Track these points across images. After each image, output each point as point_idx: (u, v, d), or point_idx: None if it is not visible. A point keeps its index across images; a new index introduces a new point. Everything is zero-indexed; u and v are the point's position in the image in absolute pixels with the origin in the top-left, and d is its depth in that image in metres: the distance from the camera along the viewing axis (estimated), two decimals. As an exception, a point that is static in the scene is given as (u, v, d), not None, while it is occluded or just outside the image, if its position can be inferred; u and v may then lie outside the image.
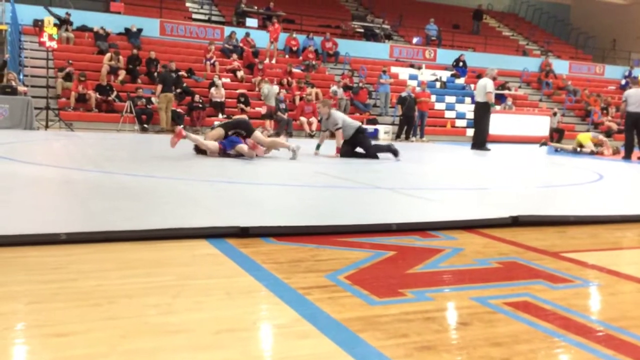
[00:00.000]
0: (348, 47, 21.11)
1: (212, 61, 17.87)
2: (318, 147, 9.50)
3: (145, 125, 14.78)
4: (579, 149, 13.39)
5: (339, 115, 9.45)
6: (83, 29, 17.81)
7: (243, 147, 7.85)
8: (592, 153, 13.07)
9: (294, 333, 1.95)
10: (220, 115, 15.75)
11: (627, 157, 11.90)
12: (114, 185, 5.03)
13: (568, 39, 29.89)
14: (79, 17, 17.97)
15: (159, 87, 14.54)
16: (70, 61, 15.45)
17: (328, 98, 17.34)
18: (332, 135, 9.73)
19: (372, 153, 9.12)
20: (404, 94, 16.96)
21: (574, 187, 6.66)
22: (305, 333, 1.95)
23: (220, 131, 8.11)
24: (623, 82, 24.97)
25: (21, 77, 15.04)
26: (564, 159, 11.57)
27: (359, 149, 9.20)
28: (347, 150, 9.13)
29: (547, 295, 2.46)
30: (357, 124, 9.55)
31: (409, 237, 3.49)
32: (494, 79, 13.32)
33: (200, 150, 8.14)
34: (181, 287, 2.36)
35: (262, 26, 20.63)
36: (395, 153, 9.11)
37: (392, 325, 2.04)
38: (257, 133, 8.17)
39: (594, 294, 2.62)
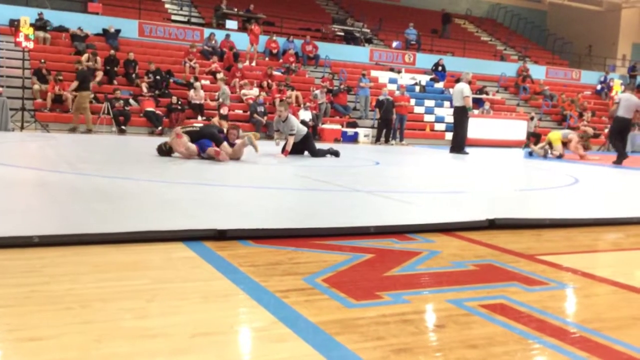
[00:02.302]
0: (328, 51, 21.14)
1: (192, 63, 17.75)
2: (277, 143, 10.01)
3: (123, 127, 14.63)
4: (548, 150, 13.09)
5: (295, 122, 9.89)
6: (60, 29, 17.58)
7: (210, 150, 7.77)
8: (560, 157, 12.90)
9: (271, 336, 1.94)
10: (199, 117, 15.67)
11: (619, 162, 11.66)
12: (89, 187, 4.97)
13: (545, 44, 30.31)
14: (56, 18, 17.73)
15: (75, 84, 13.87)
16: (44, 61, 15.20)
17: (309, 101, 17.37)
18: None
19: (317, 155, 9.75)
20: (381, 98, 17.03)
21: (550, 191, 6.74)
22: (282, 336, 1.94)
23: (186, 138, 8.01)
24: (599, 87, 25.39)
25: (-4, 77, 14.80)
26: (540, 162, 11.71)
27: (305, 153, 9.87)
28: (295, 151, 9.68)
29: (523, 297, 2.49)
30: (306, 129, 10.20)
31: (387, 239, 3.50)
32: (469, 82, 13.37)
33: (162, 151, 8.08)
34: (156, 291, 2.34)
35: (242, 28, 20.56)
36: (336, 154, 9.90)
37: (369, 328, 2.04)
38: (225, 144, 8.06)
39: (568, 296, 2.65)
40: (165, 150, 8.09)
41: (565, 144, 13.13)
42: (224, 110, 14.88)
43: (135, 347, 1.80)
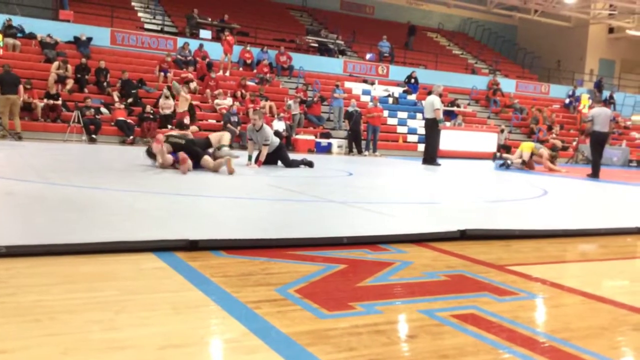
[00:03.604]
0: (302, 61, 21.22)
1: (166, 72, 17.62)
2: (250, 158, 9.55)
3: (94, 136, 14.43)
4: (511, 162, 13.36)
5: (269, 132, 9.81)
6: (30, 36, 17.31)
7: (180, 154, 7.66)
8: (522, 163, 13.14)
9: (242, 348, 1.92)
10: (169, 126, 15.51)
11: (595, 175, 11.86)
12: (58, 197, 4.88)
13: (515, 58, 30.90)
14: (26, 24, 17.46)
15: None
16: (8, 66, 14.70)
17: (282, 112, 17.39)
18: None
19: (291, 166, 9.76)
20: (350, 109, 17.13)
21: (520, 202, 6.84)
22: (253, 348, 1.92)
23: (169, 147, 7.93)
24: (567, 101, 25.94)
25: (-37, 83, 14.45)
26: (510, 174, 11.89)
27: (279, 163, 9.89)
28: (269, 162, 9.68)
29: (493, 307, 2.51)
30: (279, 140, 10.21)
31: (360, 250, 3.51)
32: (440, 95, 13.54)
33: (151, 154, 8.04)
34: (125, 302, 2.30)
35: (216, 38, 20.52)
36: (310, 165, 9.92)
37: (342, 339, 2.03)
38: (206, 157, 7.98)
39: (538, 306, 2.69)
40: (152, 153, 8.05)
41: (533, 156, 13.43)
42: (186, 120, 14.70)
43: (103, 359, 1.77)
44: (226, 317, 2.20)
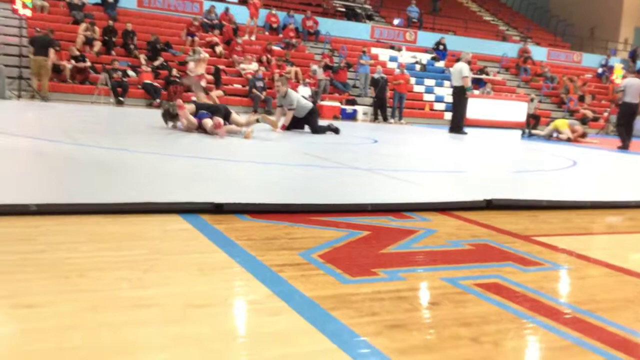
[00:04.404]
0: (329, 26, 20.96)
1: (193, 36, 17.56)
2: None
3: (121, 98, 14.54)
4: (555, 135, 13.47)
5: (295, 96, 9.80)
6: (58, -3, 17.37)
7: (207, 122, 7.69)
8: (568, 140, 13.18)
9: (265, 310, 1.95)
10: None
11: (625, 147, 11.62)
12: (86, 157, 4.95)
13: (547, 26, 30.08)
14: (54, -15, 17.50)
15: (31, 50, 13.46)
16: (38, 29, 14.92)
17: (308, 77, 17.27)
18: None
19: (318, 132, 9.71)
20: (376, 76, 16.92)
21: (548, 173, 6.74)
22: (277, 310, 1.94)
23: (192, 107, 7.98)
24: (600, 70, 25.28)
25: (-7, 45, 14.64)
26: (539, 144, 11.70)
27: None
28: (294, 124, 9.69)
29: (518, 277, 2.49)
30: (311, 105, 10.03)
31: (384, 217, 3.51)
32: (468, 62, 13.30)
33: (167, 117, 8.07)
34: (153, 262, 2.34)
35: (242, 1, 20.34)
36: (336, 131, 9.88)
37: (364, 304, 2.04)
38: (235, 115, 8.08)
39: (563, 277, 2.67)
40: (170, 114, 8.06)
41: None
42: (203, 83, 14.38)
43: (130, 316, 1.81)
44: (250, 279, 2.23)
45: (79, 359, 1.51)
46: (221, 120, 7.63)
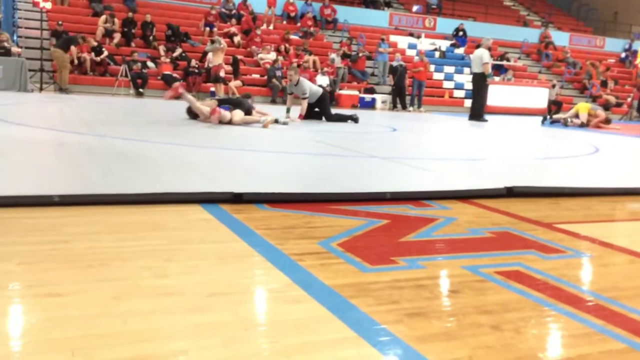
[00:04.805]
0: (347, 14, 20.83)
1: (212, 27, 17.57)
2: (288, 110, 9.65)
3: (141, 90, 14.64)
4: (570, 120, 13.19)
5: (307, 84, 9.83)
6: (78, -10, 17.50)
7: (225, 115, 7.74)
8: (582, 125, 12.83)
9: (286, 298, 1.96)
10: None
11: None
12: (107, 149, 5.00)
13: (569, 10, 29.55)
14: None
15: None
16: (61, 22, 15.12)
17: (326, 66, 17.21)
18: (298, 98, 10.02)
19: (331, 120, 9.75)
20: (394, 64, 16.78)
21: (570, 160, 6.66)
22: (297, 298, 1.96)
23: (214, 103, 8.00)
24: (623, 55, 24.80)
25: (15, 38, 14.81)
26: (560, 131, 11.55)
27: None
28: (310, 114, 9.70)
29: (539, 265, 2.48)
30: (320, 90, 10.07)
31: (403, 206, 3.50)
32: (489, 49, 13.14)
33: (192, 114, 8.09)
34: (174, 251, 2.37)
35: (260, -10, 20.28)
36: (356, 120, 9.76)
37: (384, 292, 2.05)
38: (237, 111, 8.01)
39: (585, 264, 2.64)
40: (192, 113, 8.11)
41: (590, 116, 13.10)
42: (222, 73, 14.29)
43: (153, 304, 1.83)
44: (270, 268, 2.24)
45: (104, 346, 1.54)
46: (220, 110, 7.66)
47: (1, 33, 13.61)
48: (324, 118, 9.83)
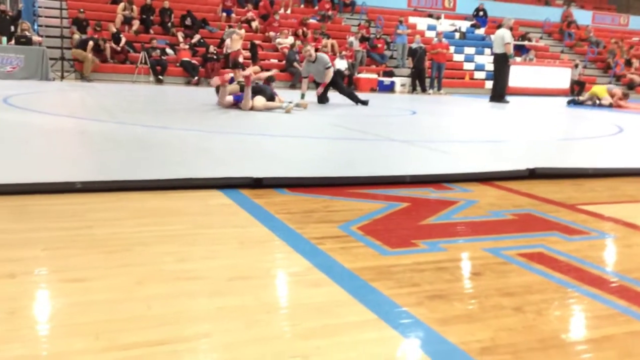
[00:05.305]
0: (365, -4, 20.63)
1: (229, 12, 17.53)
2: (302, 96, 9.49)
3: (160, 77, 14.70)
4: (597, 101, 13.20)
5: (326, 57, 9.90)
6: (96, -23, 17.54)
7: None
8: (610, 105, 12.91)
9: (306, 281, 1.97)
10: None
11: None
12: (128, 136, 5.05)
13: (593, -13, 28.92)
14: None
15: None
16: (82, 10, 15.23)
17: (344, 49, 17.09)
18: (313, 82, 10.05)
19: (346, 93, 9.91)
20: (414, 46, 16.59)
21: (593, 140, 6.56)
22: (317, 281, 1.96)
23: (236, 87, 8.05)
24: (648, 33, 24.24)
25: (35, 27, 14.94)
26: (583, 111, 11.36)
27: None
28: (323, 93, 9.73)
29: (562, 247, 2.45)
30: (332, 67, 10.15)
31: (423, 189, 3.48)
32: (510, 29, 12.94)
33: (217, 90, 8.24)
34: (195, 236, 2.38)
35: (277, -26, 20.15)
36: (364, 103, 9.82)
37: (405, 275, 2.04)
38: (277, 99, 8.12)
39: (609, 245, 2.61)
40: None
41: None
42: (240, 58, 14.12)
43: (176, 288, 1.85)
44: (291, 252, 2.25)
45: (127, 330, 1.56)
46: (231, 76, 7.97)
47: (22, 22, 13.73)
48: (332, 101, 9.85)
